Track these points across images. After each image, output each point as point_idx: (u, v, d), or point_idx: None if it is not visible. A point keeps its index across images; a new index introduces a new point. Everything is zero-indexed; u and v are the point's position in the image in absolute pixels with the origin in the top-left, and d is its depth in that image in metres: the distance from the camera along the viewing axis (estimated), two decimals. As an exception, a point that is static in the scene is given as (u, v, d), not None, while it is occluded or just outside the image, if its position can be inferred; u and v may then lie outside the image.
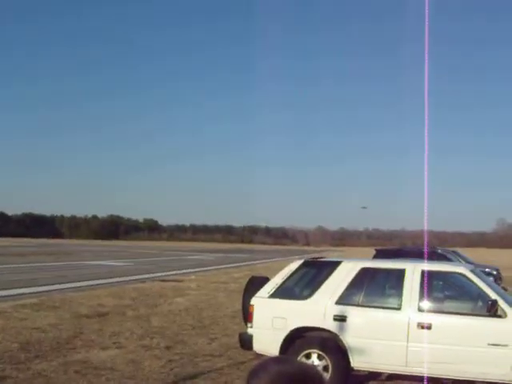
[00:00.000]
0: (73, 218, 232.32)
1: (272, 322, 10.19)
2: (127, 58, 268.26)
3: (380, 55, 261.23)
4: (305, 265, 11.03)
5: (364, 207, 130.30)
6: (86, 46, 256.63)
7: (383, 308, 9.93)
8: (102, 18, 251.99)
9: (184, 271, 39.14)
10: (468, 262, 23.03)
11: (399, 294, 9.84)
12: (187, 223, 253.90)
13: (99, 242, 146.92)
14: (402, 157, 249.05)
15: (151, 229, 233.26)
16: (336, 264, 10.60)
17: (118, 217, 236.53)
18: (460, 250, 32.43)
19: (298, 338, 10.10)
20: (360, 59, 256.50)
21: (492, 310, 9.14)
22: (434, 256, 21.28)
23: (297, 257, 13.96)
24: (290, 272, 10.75)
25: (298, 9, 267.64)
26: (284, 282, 10.60)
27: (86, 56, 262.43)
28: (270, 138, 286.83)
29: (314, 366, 2.07)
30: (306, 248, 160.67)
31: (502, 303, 9.24)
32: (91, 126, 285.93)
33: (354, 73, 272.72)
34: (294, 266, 10.90)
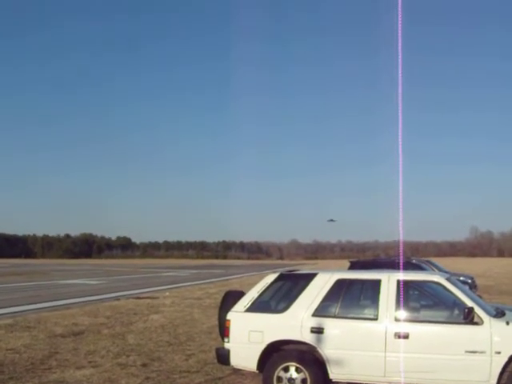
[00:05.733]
0: (45, 237, 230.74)
1: (249, 336, 10.13)
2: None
3: (351, 65, 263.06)
4: (280, 278, 10.97)
5: (331, 220, 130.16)
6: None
7: (360, 319, 9.90)
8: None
9: (158, 288, 38.92)
10: (442, 271, 23.14)
11: (375, 305, 9.82)
12: (160, 240, 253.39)
13: (72, 260, 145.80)
14: (373, 169, 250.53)
15: (124, 246, 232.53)
16: (312, 276, 10.56)
17: (91, 235, 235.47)
18: (434, 260, 32.58)
19: (275, 352, 10.04)
20: (330, 70, 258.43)
21: (468, 318, 9.15)
22: (409, 266, 21.30)
23: (270, 271, 13.92)
24: (266, 285, 10.70)
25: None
26: (260, 296, 10.55)
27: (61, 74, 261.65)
28: (241, 154, 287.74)
29: None
30: (279, 262, 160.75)
31: (478, 310, 9.26)
32: (63, 146, 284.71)
33: (325, 85, 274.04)
34: (270, 279, 10.84)
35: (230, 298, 11.00)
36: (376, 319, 9.66)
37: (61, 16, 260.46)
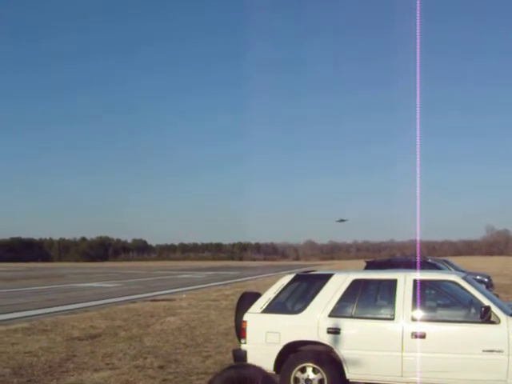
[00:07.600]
0: (62, 240, 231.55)
1: (265, 337, 10.14)
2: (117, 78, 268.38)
3: (367, 67, 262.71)
4: (296, 279, 10.97)
5: (342, 220, 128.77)
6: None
7: (376, 319, 9.89)
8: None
9: (175, 290, 38.94)
10: (459, 270, 23.05)
11: (392, 305, 9.81)
12: (176, 242, 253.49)
13: (89, 264, 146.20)
14: (389, 169, 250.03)
15: (140, 249, 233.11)
16: (328, 277, 10.56)
17: (107, 238, 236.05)
18: (450, 259, 32.46)
19: (292, 352, 10.04)
20: (346, 70, 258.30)
21: (485, 317, 9.12)
22: (425, 265, 21.26)
23: (286, 272, 13.90)
24: (282, 286, 10.70)
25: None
26: (276, 297, 10.55)
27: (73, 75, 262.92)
28: (256, 155, 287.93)
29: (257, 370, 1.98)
30: (295, 263, 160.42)
31: (495, 309, 9.23)
32: (79, 149, 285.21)
33: (339, 86, 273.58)
34: (286, 280, 10.84)
35: (247, 300, 11.01)
36: (393, 319, 9.65)
37: (67, 20, 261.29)
